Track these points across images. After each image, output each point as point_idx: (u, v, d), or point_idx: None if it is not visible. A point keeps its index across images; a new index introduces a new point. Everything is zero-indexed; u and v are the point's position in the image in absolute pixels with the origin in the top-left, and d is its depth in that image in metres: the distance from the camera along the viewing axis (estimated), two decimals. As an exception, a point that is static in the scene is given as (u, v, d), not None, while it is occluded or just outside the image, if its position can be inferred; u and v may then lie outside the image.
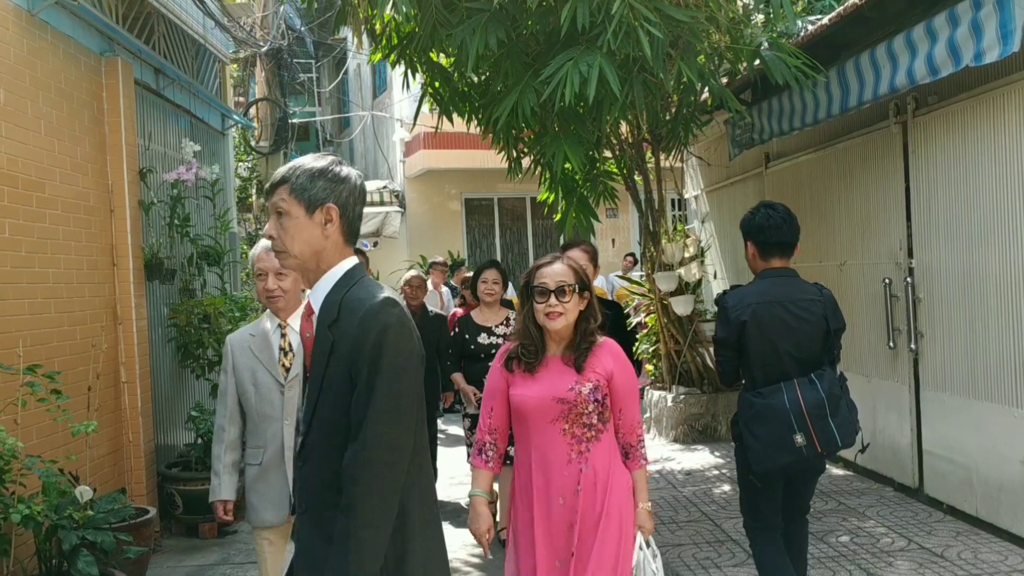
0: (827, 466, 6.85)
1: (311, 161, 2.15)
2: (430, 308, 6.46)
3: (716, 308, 3.91)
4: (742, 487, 3.79)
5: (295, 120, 13.97)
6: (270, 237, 2.17)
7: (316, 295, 2.14)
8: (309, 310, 2.19)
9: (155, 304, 6.35)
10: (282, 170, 2.15)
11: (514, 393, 2.89)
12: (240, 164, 9.61)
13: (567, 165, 5.68)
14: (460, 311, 7.09)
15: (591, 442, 2.84)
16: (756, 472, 3.54)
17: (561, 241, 8.49)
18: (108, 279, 5.61)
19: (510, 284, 8.33)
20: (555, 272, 2.86)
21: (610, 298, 12.36)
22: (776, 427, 3.42)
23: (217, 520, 3.63)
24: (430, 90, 6.61)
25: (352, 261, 2.16)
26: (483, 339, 5.47)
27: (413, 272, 6.43)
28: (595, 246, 4.28)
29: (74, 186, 5.23)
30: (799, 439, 3.40)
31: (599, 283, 12.53)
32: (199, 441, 6.07)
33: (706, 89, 5.84)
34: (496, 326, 5.49)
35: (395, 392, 1.98)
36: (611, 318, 3.56)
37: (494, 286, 5.58)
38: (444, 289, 10.72)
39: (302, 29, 13.35)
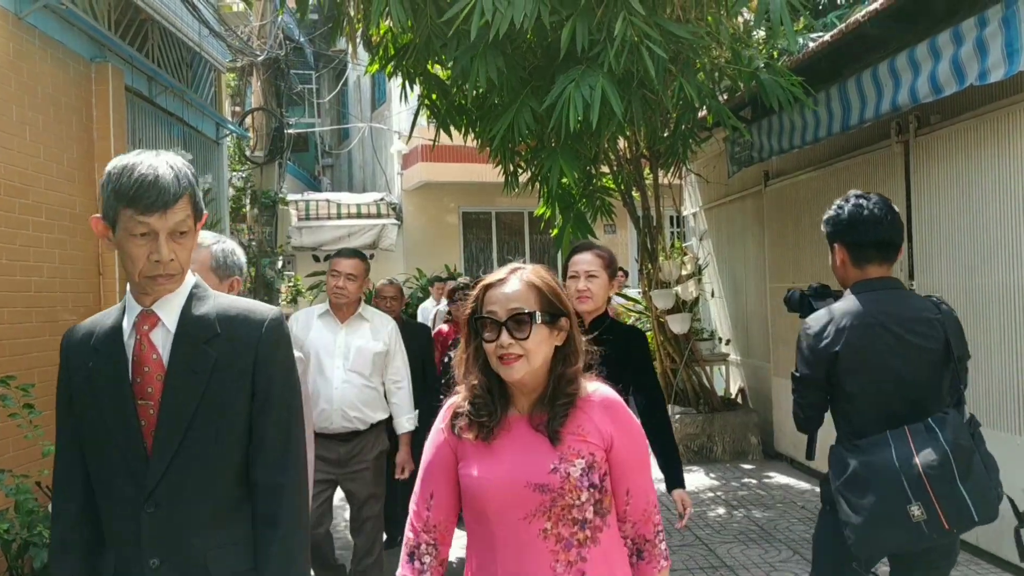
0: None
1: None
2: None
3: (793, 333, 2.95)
4: (822, 565, 2.93)
5: (293, 131, 13.91)
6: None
7: (166, 309, 1.90)
8: (151, 324, 1.90)
9: (142, 314, 6.24)
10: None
11: (465, 474, 1.93)
12: (234, 174, 9.51)
13: (564, 180, 5.58)
14: (446, 328, 6.32)
15: (586, 547, 1.88)
16: (858, 557, 2.68)
17: (559, 257, 8.41)
18: (93, 288, 5.50)
19: None
20: (507, 295, 1.90)
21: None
22: (883, 495, 2.55)
23: None
24: (427, 103, 6.53)
25: (192, 276, 1.96)
26: None
27: (384, 280, 5.95)
28: (611, 252, 3.45)
29: (60, 193, 5.13)
30: (916, 511, 2.50)
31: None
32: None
33: (705, 106, 5.76)
34: None
35: (299, 404, 2.00)
36: (635, 348, 3.29)
37: None
38: (442, 307, 10.61)
39: (301, 39, 13.31)
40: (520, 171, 7.05)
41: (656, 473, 2.51)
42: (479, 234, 14.07)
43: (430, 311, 11.39)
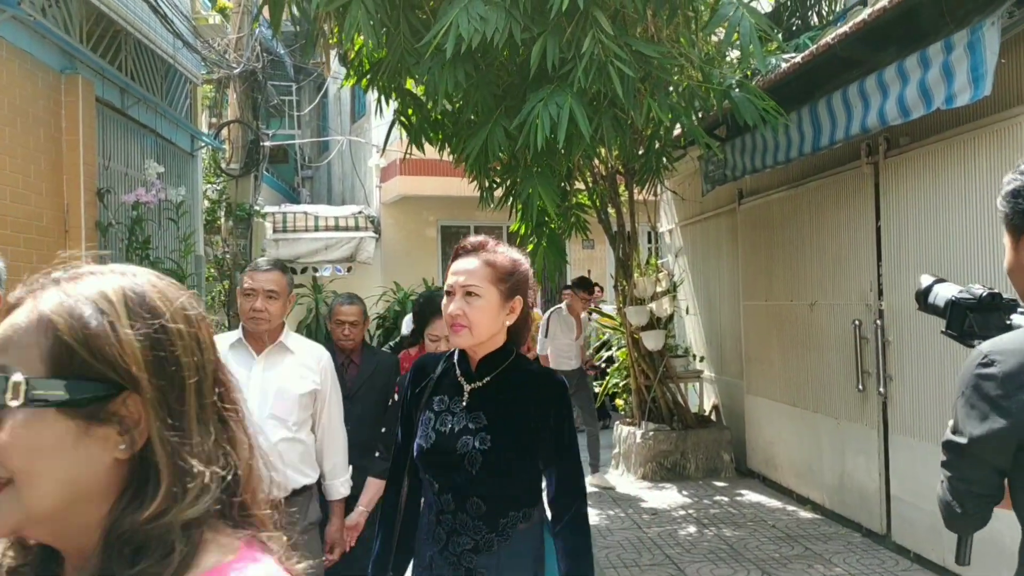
0: (795, 508, 6.80)
1: None
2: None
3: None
4: None
5: (272, 143, 13.85)
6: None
7: None
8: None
9: (111, 328, 6.17)
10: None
11: None
12: (209, 186, 9.45)
13: (547, 208, 5.58)
14: (413, 351, 5.08)
15: None
16: None
17: (542, 277, 8.45)
18: (59, 302, 5.43)
19: None
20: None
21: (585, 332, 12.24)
22: None
23: None
24: (402, 119, 6.53)
25: None
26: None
27: (342, 298, 4.49)
28: (517, 261, 2.69)
29: (26, 205, 5.08)
30: None
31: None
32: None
33: (679, 125, 5.79)
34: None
35: None
36: (550, 404, 2.34)
37: None
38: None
39: (281, 52, 13.27)
40: (495, 186, 7.06)
41: (626, 490, 2.45)
42: (457, 248, 14.05)
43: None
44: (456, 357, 2.39)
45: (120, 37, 6.53)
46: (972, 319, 2.11)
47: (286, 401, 3.29)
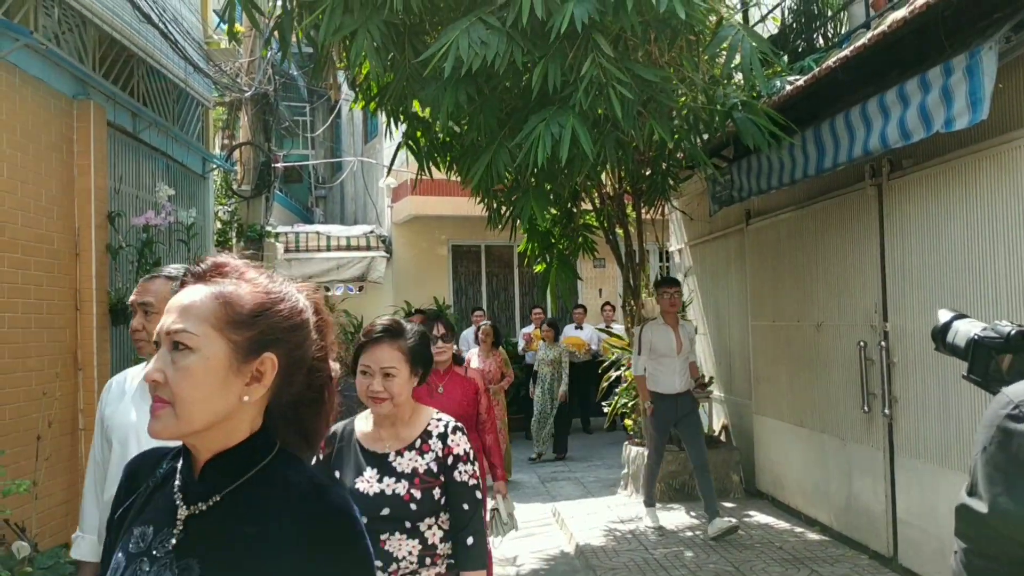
0: (803, 530, 6.77)
1: None
2: None
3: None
4: None
5: (285, 163, 13.98)
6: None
7: None
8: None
9: (122, 349, 6.24)
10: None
11: None
12: (221, 207, 9.56)
13: (537, 221, 5.64)
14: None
15: None
16: None
17: (548, 293, 8.52)
18: (70, 324, 5.52)
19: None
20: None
21: (595, 348, 12.26)
22: None
23: None
24: (409, 141, 6.60)
25: None
26: (365, 484, 2.61)
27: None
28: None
29: (37, 229, 5.16)
30: None
31: (584, 335, 12.43)
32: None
33: (679, 148, 5.83)
34: (402, 449, 2.68)
35: None
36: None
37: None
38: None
39: (294, 74, 13.43)
40: (502, 208, 7.12)
41: (634, 511, 2.51)
42: (469, 267, 14.11)
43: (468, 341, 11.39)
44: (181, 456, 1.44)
45: (132, 62, 6.64)
46: (995, 357, 1.79)
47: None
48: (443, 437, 2.68)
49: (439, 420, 2.74)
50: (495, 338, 9.24)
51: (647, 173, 7.33)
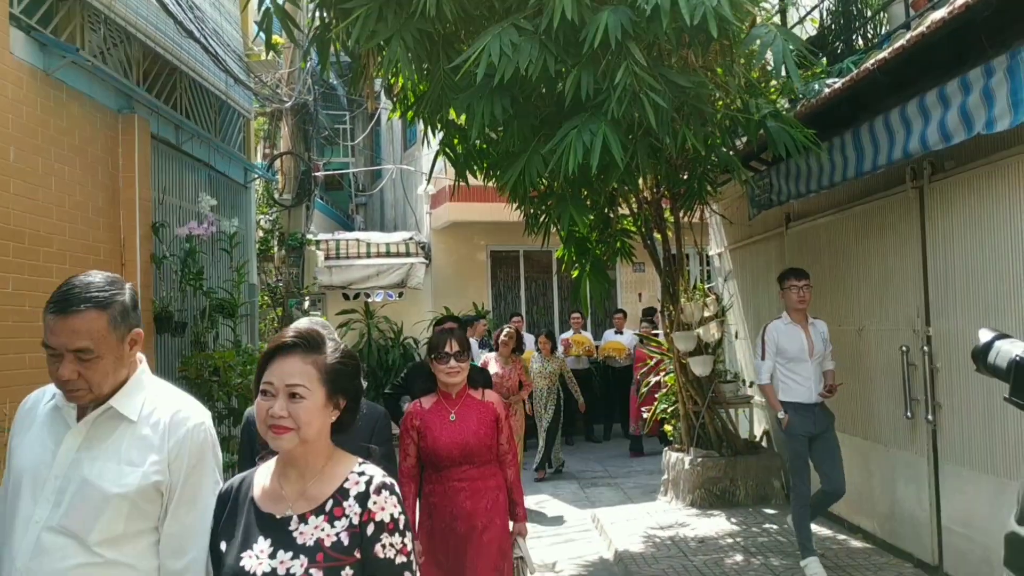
0: (846, 537, 6.67)
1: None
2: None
3: None
4: None
5: (325, 172, 14.15)
6: None
7: None
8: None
9: (166, 357, 6.38)
10: None
11: None
12: (262, 216, 9.72)
13: (574, 228, 5.65)
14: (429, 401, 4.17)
15: None
16: None
17: (579, 297, 8.46)
18: (116, 332, 5.64)
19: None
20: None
21: (630, 351, 12.20)
22: None
23: None
24: (446, 149, 6.65)
25: None
26: (253, 560, 2.03)
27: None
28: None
29: (84, 240, 5.30)
30: None
31: (625, 340, 12.39)
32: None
33: (713, 155, 5.81)
34: (308, 513, 2.08)
35: None
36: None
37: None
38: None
39: (334, 83, 13.58)
40: (539, 213, 7.15)
41: (674, 517, 2.30)
42: (507, 272, 14.14)
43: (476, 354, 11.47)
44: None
45: (175, 76, 6.78)
46: None
47: (87, 503, 2.06)
48: (363, 498, 1.99)
49: (361, 475, 2.04)
50: (517, 344, 8.51)
51: (684, 177, 7.30)
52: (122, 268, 5.70)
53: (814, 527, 6.96)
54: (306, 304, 9.90)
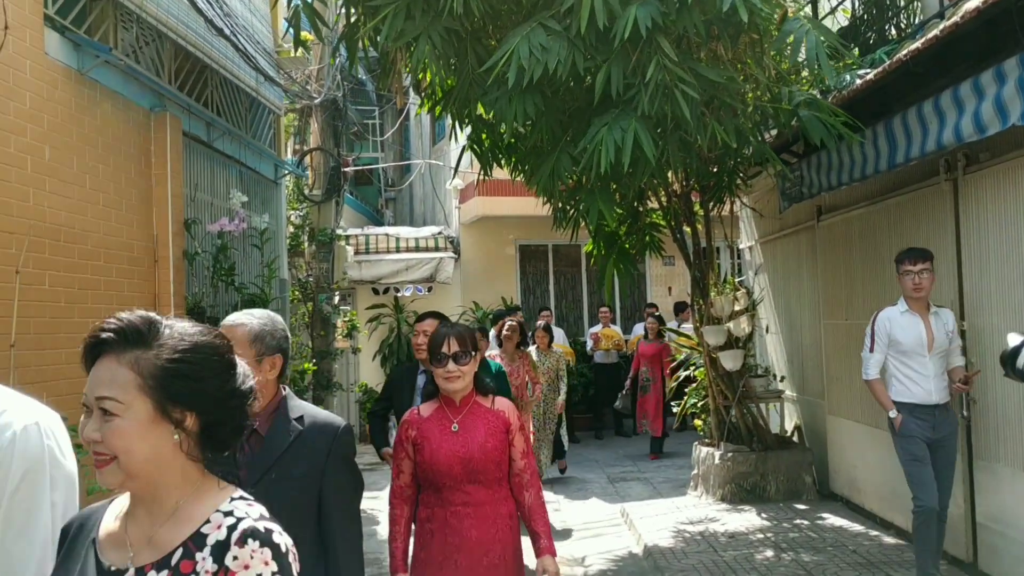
0: (878, 533, 6.61)
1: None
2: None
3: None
4: None
5: (355, 167, 14.23)
6: None
7: None
8: None
9: (198, 351, 6.45)
10: None
11: None
12: (293, 212, 9.80)
13: (603, 222, 5.64)
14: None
15: None
16: None
17: (605, 285, 8.41)
18: (150, 328, 5.71)
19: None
20: None
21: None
22: None
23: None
24: (472, 143, 6.66)
25: None
26: None
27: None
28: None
29: (118, 237, 5.38)
30: None
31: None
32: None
33: (746, 147, 5.76)
34: (148, 566, 1.56)
35: None
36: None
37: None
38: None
39: (363, 78, 13.63)
40: (568, 208, 7.14)
41: (704, 512, 2.19)
42: (536, 266, 14.14)
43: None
44: None
45: (206, 74, 6.85)
46: None
47: None
48: (220, 550, 1.47)
49: (228, 515, 1.52)
50: (521, 338, 7.94)
51: (714, 171, 7.25)
52: (155, 264, 5.78)
53: (845, 523, 6.93)
54: (336, 299, 9.97)
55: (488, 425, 3.27)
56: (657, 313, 11.64)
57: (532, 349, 9.05)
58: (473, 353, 3.28)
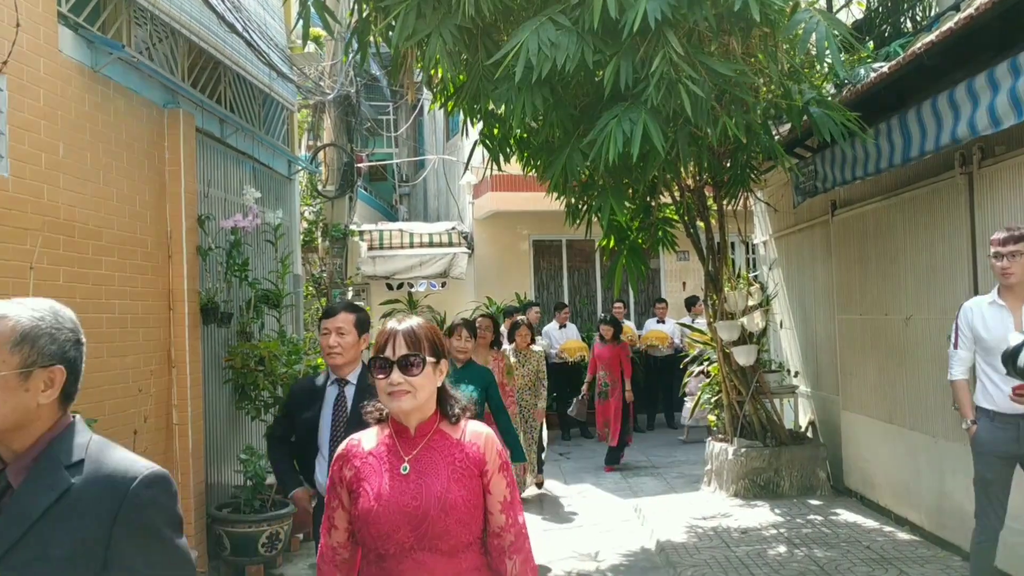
0: (892, 529, 6.57)
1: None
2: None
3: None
4: None
5: (369, 163, 14.26)
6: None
7: None
8: None
9: (212, 347, 6.49)
10: None
11: None
12: (306, 208, 9.83)
13: (614, 217, 5.63)
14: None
15: None
16: None
17: (615, 280, 8.36)
18: (163, 323, 5.76)
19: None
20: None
21: (678, 343, 12.13)
22: None
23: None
24: (485, 141, 6.66)
25: None
26: None
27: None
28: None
29: (132, 233, 5.41)
30: None
31: (667, 329, 12.31)
32: (248, 483, 6.15)
33: (755, 143, 5.74)
34: None
35: None
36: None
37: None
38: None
39: (376, 74, 13.65)
40: (579, 204, 7.13)
41: (717, 508, 2.12)
42: (550, 261, 14.13)
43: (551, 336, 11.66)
44: None
45: (219, 70, 6.88)
46: None
47: None
48: None
49: None
50: (494, 335, 6.92)
51: (727, 165, 7.22)
52: (169, 260, 5.81)
53: (858, 519, 6.90)
54: (349, 294, 10.00)
55: (453, 466, 2.24)
56: (613, 315, 10.48)
57: (509, 348, 8.27)
58: (431, 359, 2.27)
